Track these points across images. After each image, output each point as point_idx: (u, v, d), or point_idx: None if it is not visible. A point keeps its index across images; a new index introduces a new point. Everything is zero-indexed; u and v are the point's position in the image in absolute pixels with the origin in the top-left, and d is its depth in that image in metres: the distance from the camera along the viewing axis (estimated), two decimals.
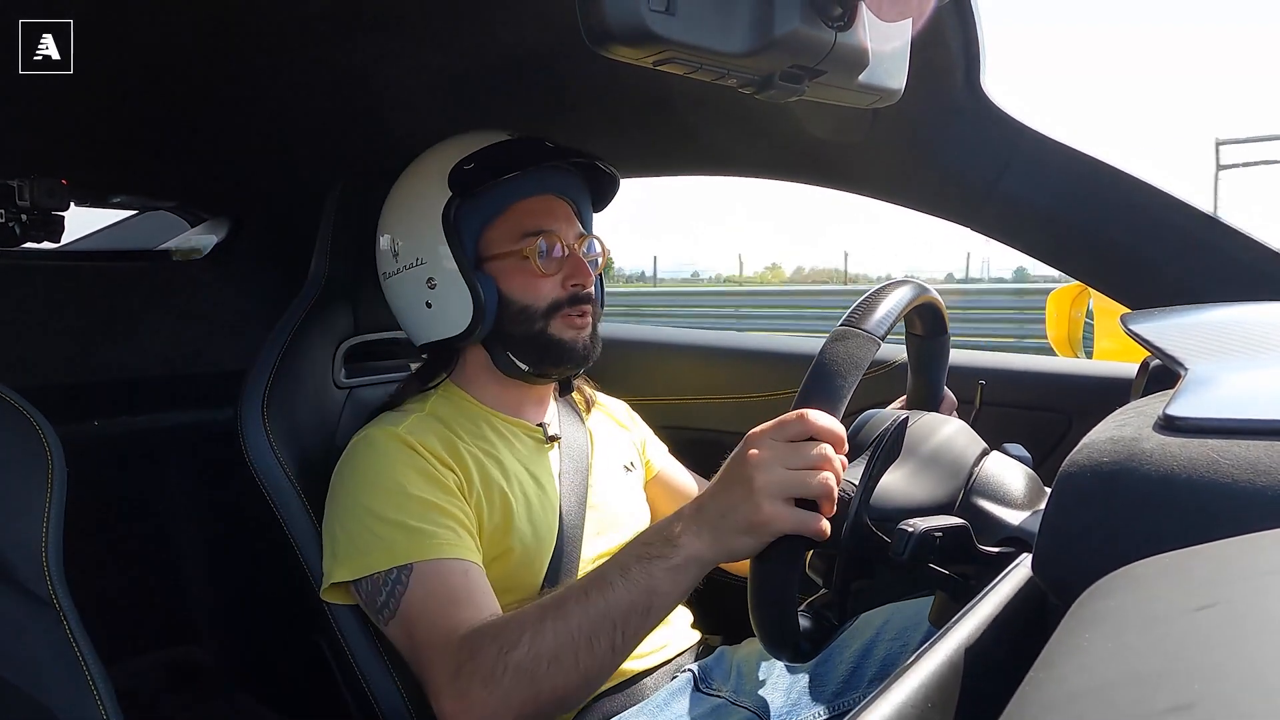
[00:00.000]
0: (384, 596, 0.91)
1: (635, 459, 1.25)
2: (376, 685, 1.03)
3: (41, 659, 0.73)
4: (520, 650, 0.80)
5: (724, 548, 0.74)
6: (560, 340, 1.08)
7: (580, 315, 1.08)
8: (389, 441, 1.00)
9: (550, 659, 0.79)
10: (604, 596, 0.78)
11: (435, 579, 0.90)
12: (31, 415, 0.78)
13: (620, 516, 1.14)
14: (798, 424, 0.71)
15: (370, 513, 0.95)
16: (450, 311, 1.06)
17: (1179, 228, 1.02)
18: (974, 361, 1.36)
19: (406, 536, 0.92)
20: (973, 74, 1.03)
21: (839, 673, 0.97)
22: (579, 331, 1.09)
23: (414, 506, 0.94)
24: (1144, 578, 0.37)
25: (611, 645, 0.78)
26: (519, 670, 0.79)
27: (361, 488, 0.98)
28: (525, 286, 1.07)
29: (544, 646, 0.79)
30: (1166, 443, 0.47)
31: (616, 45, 0.51)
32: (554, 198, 1.09)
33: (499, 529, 1.00)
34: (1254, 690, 0.25)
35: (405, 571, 0.91)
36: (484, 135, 1.08)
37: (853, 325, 0.75)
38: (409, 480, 0.96)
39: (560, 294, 1.07)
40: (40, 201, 1.33)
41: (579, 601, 0.79)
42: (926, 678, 0.43)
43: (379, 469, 0.98)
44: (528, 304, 1.07)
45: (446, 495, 0.97)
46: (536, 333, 1.07)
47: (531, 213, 1.07)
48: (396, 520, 0.93)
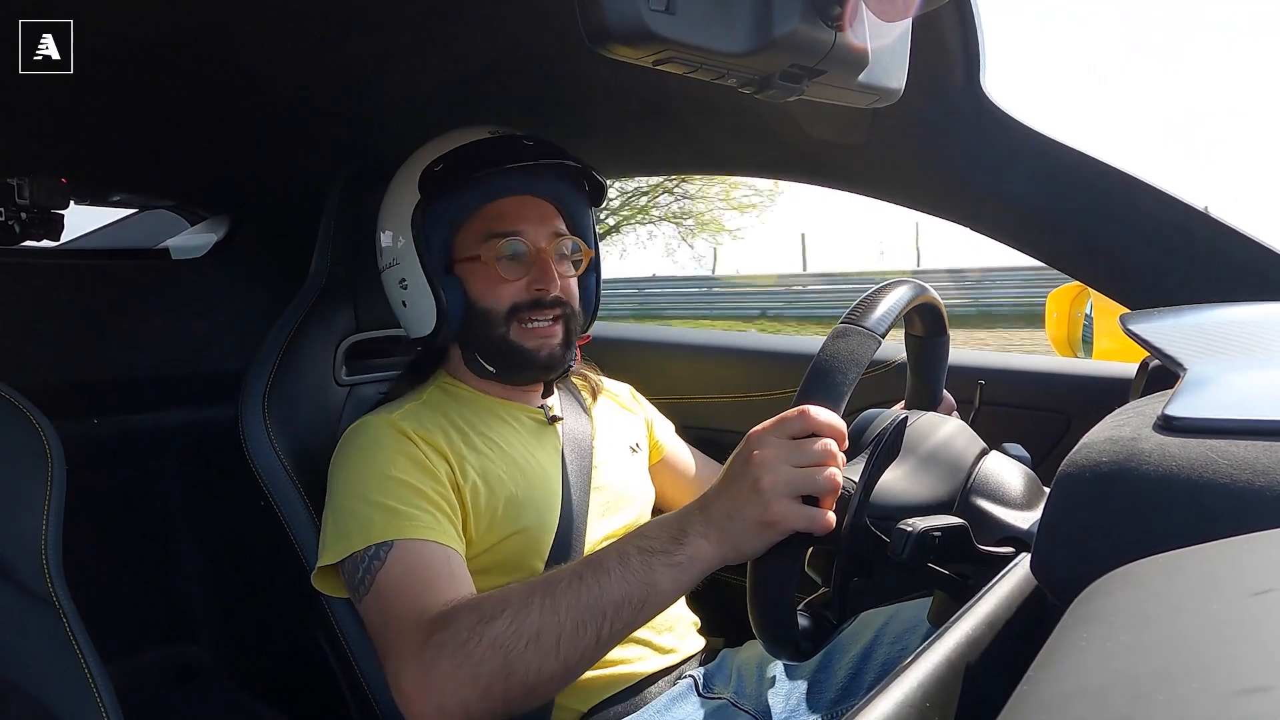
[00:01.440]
0: (360, 573, 0.90)
1: (641, 440, 1.25)
2: (374, 682, 1.03)
3: (41, 656, 0.73)
4: (500, 623, 0.75)
5: (731, 548, 0.73)
6: (522, 348, 1.06)
7: (544, 321, 1.06)
8: (381, 427, 1.00)
9: (530, 638, 0.74)
10: (599, 583, 0.75)
11: (414, 558, 0.89)
12: (31, 413, 0.78)
13: (625, 498, 1.13)
14: (799, 420, 0.71)
15: (356, 495, 0.94)
16: (420, 313, 1.07)
17: (1179, 228, 1.02)
18: (974, 361, 1.36)
19: (386, 515, 0.91)
20: (973, 74, 1.03)
21: (839, 676, 0.97)
22: (544, 340, 1.06)
23: (398, 489, 0.93)
24: (1142, 577, 0.37)
25: (597, 635, 0.74)
26: (495, 645, 0.75)
27: (351, 473, 0.97)
28: (487, 290, 1.05)
29: (526, 624, 0.75)
30: (1165, 443, 0.47)
31: (616, 45, 0.51)
32: (528, 198, 1.07)
33: (501, 514, 1.00)
34: (1252, 688, 0.25)
35: (385, 548, 0.89)
36: (465, 133, 1.07)
37: (853, 323, 0.75)
38: (396, 464, 0.96)
39: (523, 298, 1.05)
40: (40, 200, 1.33)
41: (571, 584, 0.76)
42: (925, 677, 0.44)
43: (368, 454, 0.98)
44: (489, 308, 1.05)
45: (434, 482, 0.96)
46: (498, 338, 1.06)
47: (499, 215, 1.05)
48: (378, 501, 0.92)
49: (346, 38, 1.01)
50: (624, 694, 1.00)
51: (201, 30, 0.95)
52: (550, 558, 1.01)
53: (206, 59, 1.04)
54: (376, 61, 1.08)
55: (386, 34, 1.01)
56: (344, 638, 1.03)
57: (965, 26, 0.99)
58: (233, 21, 0.94)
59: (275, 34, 1.00)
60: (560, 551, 1.02)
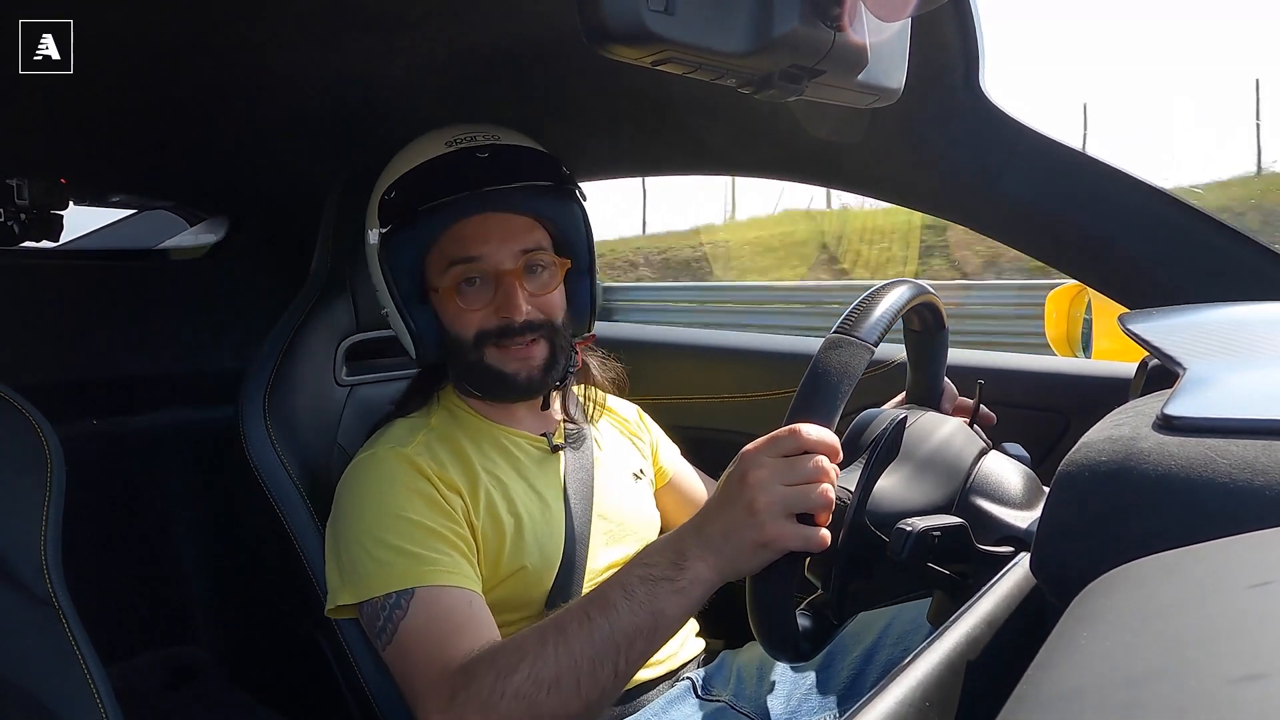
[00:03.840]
0: (381, 621, 0.89)
1: (645, 466, 1.22)
2: (375, 683, 1.03)
3: (40, 657, 0.73)
4: (519, 675, 0.77)
5: (729, 568, 0.74)
6: (500, 371, 1.03)
7: (516, 346, 1.02)
8: (394, 461, 0.98)
9: (551, 684, 0.76)
10: (607, 619, 0.76)
11: (436, 606, 0.88)
12: (30, 414, 0.78)
13: (629, 526, 1.11)
14: (791, 440, 0.71)
15: (372, 537, 0.93)
16: (403, 337, 1.06)
17: (1178, 227, 1.02)
18: (973, 361, 1.36)
19: (406, 562, 0.90)
20: (972, 74, 1.03)
21: (842, 677, 0.97)
22: (522, 363, 1.02)
23: (416, 532, 0.92)
24: (1142, 577, 0.37)
25: (615, 670, 0.76)
26: (517, 697, 0.76)
27: (366, 509, 0.96)
28: (455, 319, 1.03)
29: (544, 671, 0.76)
30: (1164, 442, 0.47)
31: (615, 44, 0.51)
32: (490, 216, 1.00)
33: (506, 551, 0.98)
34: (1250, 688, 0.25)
35: (405, 596, 0.89)
36: (424, 145, 1.03)
37: (845, 333, 0.74)
38: (411, 505, 0.94)
39: (491, 324, 1.01)
40: (39, 200, 1.33)
41: (581, 624, 0.77)
42: (925, 677, 0.44)
43: (382, 491, 0.96)
44: (457, 335, 1.03)
45: (450, 522, 0.95)
46: (473, 363, 1.03)
47: (458, 240, 1.00)
48: (397, 545, 0.91)
49: (346, 37, 1.01)
50: (623, 699, 1.00)
51: (201, 30, 0.95)
52: (552, 592, 1.00)
53: (206, 59, 1.04)
54: (376, 61, 1.08)
55: (386, 33, 1.01)
56: (343, 637, 1.02)
57: (964, 26, 0.99)
58: (232, 21, 0.94)
59: (275, 33, 1.00)
60: (562, 586, 1.01)
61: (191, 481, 1.58)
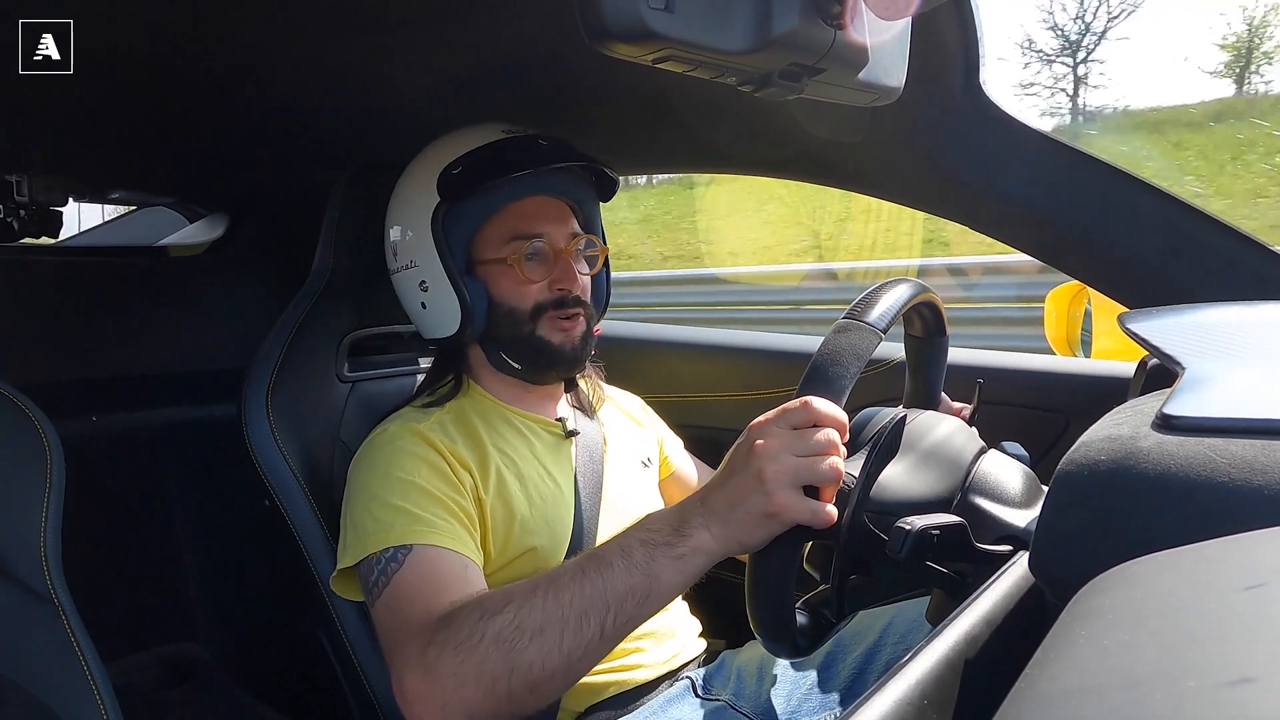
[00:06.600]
0: (375, 575, 0.89)
1: (652, 455, 1.24)
2: (376, 680, 1.03)
3: (40, 655, 0.73)
4: (503, 618, 0.75)
5: (734, 539, 0.72)
6: (549, 342, 1.07)
7: (566, 319, 1.08)
8: (407, 435, 1.00)
9: (534, 632, 0.74)
10: (601, 575, 0.75)
11: (431, 564, 0.89)
12: (30, 411, 0.78)
13: (635, 512, 1.10)
14: (802, 411, 0.71)
15: (378, 500, 0.95)
16: (442, 314, 1.07)
17: (1178, 227, 1.02)
18: (972, 360, 1.36)
19: (405, 519, 0.91)
20: (972, 74, 1.03)
21: (842, 678, 0.96)
22: (566, 334, 1.08)
23: (418, 496, 0.94)
24: (1140, 576, 0.37)
25: (601, 628, 0.74)
26: (498, 640, 0.75)
27: (373, 476, 0.98)
28: (512, 291, 1.07)
29: (529, 618, 0.75)
30: (1164, 441, 0.47)
31: (615, 43, 0.51)
32: (547, 198, 1.08)
33: (515, 530, 1.00)
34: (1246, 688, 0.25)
35: (403, 551, 0.89)
36: (479, 132, 1.07)
37: (855, 318, 0.75)
38: (419, 472, 0.96)
39: (546, 297, 1.07)
40: (39, 197, 1.33)
41: (574, 577, 0.75)
42: (923, 675, 0.44)
43: (391, 459, 0.98)
44: (514, 307, 1.07)
45: (456, 494, 0.96)
46: (525, 335, 1.07)
47: (520, 215, 1.06)
48: (398, 505, 0.93)
49: (346, 35, 1.01)
50: (621, 697, 1.00)
51: (201, 29, 0.95)
52: None
53: (206, 57, 1.04)
54: (376, 59, 1.08)
55: (386, 31, 1.01)
56: (345, 635, 1.03)
57: (965, 25, 0.99)
58: (232, 20, 0.94)
59: (275, 31, 1.00)
60: None
61: (191, 478, 1.58)
